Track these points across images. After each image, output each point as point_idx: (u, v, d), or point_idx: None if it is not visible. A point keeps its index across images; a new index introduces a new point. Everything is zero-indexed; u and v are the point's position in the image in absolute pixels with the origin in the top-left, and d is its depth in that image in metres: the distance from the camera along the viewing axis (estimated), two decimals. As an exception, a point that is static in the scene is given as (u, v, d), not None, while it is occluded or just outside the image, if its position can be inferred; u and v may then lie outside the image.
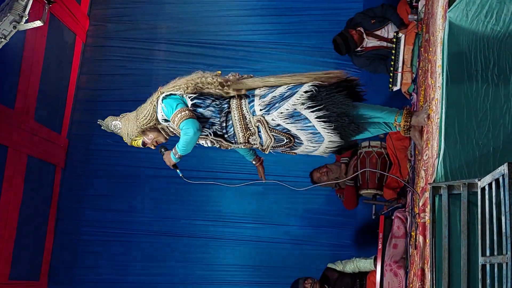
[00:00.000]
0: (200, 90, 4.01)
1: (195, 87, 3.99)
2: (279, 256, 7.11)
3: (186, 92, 3.99)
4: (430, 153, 3.61)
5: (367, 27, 6.16)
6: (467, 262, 2.89)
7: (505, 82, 3.11)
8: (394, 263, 4.86)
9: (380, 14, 6.15)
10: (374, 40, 6.14)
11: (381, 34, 6.11)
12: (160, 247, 7.26)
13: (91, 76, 7.76)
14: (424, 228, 3.50)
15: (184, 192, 7.14)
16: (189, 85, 3.99)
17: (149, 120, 4.15)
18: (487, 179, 2.71)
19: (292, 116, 3.91)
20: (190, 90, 3.99)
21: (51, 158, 7.20)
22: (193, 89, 3.99)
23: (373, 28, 6.14)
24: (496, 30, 3.17)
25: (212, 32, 7.63)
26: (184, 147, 3.98)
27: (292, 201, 7.19)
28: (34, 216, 6.92)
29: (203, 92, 4.01)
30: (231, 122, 4.00)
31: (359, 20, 6.22)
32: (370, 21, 6.14)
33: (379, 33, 6.13)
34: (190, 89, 3.99)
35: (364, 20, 6.18)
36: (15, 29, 4.82)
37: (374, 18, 6.15)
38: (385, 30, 6.10)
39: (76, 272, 7.28)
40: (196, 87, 4.00)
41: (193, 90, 3.99)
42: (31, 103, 6.73)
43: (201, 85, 4.00)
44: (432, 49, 3.99)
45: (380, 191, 5.77)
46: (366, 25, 6.16)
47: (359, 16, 6.25)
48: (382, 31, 6.11)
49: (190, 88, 3.99)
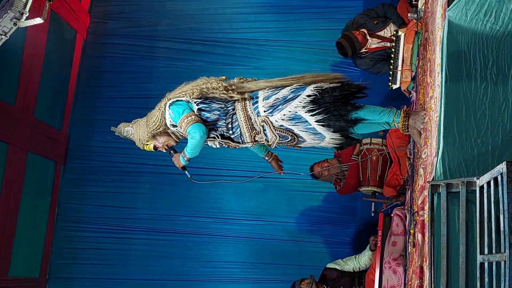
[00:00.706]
0: (206, 95, 4.13)
1: (200, 92, 4.12)
2: (279, 253, 7.12)
3: (192, 97, 4.11)
4: (429, 151, 3.62)
5: (370, 28, 6.07)
6: (466, 260, 2.89)
7: (504, 81, 3.11)
8: (393, 260, 4.88)
9: (382, 14, 6.09)
10: (377, 41, 6.08)
11: (383, 35, 6.05)
12: (160, 243, 7.27)
13: (92, 73, 7.76)
14: (423, 226, 3.50)
15: (184, 189, 7.15)
16: (195, 91, 4.12)
17: (159, 126, 4.28)
18: (485, 177, 2.72)
19: (293, 118, 3.99)
20: (196, 95, 4.11)
21: (51, 154, 7.21)
22: (199, 94, 4.12)
23: (376, 28, 6.08)
24: (495, 29, 3.18)
25: (213, 29, 7.64)
26: (192, 150, 4.13)
27: (291, 198, 7.20)
28: (34, 213, 6.93)
29: (208, 97, 4.13)
30: (237, 123, 4.11)
31: (362, 21, 6.10)
32: (372, 22, 6.06)
33: (382, 34, 6.06)
34: (196, 95, 4.11)
35: (367, 21, 6.08)
36: (15, 26, 4.81)
37: (376, 18, 6.07)
38: (388, 30, 6.05)
39: (76, 269, 7.29)
40: (201, 92, 4.12)
41: (199, 95, 4.12)
42: (31, 100, 6.74)
43: (206, 90, 4.11)
44: (431, 48, 3.99)
45: (381, 188, 5.77)
46: (370, 26, 6.07)
47: (362, 17, 6.14)
48: (385, 32, 6.06)
49: (195, 94, 4.11)
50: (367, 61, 6.13)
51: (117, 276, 7.24)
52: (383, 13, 6.10)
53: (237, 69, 7.41)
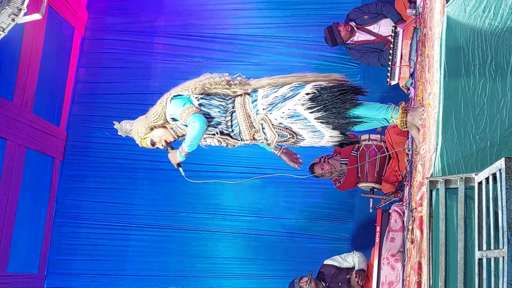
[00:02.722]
0: (208, 91, 4.14)
1: (203, 87, 4.13)
2: (277, 249, 7.13)
3: (194, 92, 4.10)
4: (427, 147, 3.62)
5: (359, 22, 6.46)
6: (464, 256, 2.89)
7: (503, 77, 3.11)
8: (391, 256, 4.88)
9: (374, 11, 6.41)
10: (364, 34, 6.43)
11: (372, 29, 6.41)
12: (158, 239, 7.28)
13: (90, 69, 7.76)
14: (421, 222, 3.51)
15: (183, 185, 7.14)
16: (197, 86, 4.13)
17: (158, 119, 4.27)
18: (484, 173, 2.72)
19: (292, 116, 3.99)
20: (198, 91, 4.12)
21: (50, 150, 7.21)
22: (201, 90, 4.13)
23: (365, 23, 6.44)
24: (493, 25, 3.17)
25: (211, 25, 7.63)
26: (191, 142, 4.08)
27: (290, 195, 7.21)
28: (32, 209, 6.93)
29: (210, 93, 4.13)
30: (236, 121, 4.11)
31: (353, 16, 6.53)
32: (363, 16, 6.44)
33: (371, 28, 6.42)
34: (198, 90, 4.12)
35: (357, 15, 6.48)
36: (13, 22, 4.81)
37: (367, 14, 6.43)
38: (377, 25, 6.39)
39: (74, 265, 7.30)
40: (204, 88, 4.13)
41: (201, 91, 4.13)
42: (29, 96, 6.73)
43: (209, 86, 4.13)
44: (430, 44, 3.99)
45: (379, 184, 5.78)
46: (359, 20, 6.47)
47: (354, 11, 6.55)
48: (374, 27, 6.41)
49: (198, 89, 4.12)
50: (354, 52, 6.56)
51: (116, 272, 7.25)
52: (375, 10, 6.41)
53: (236, 65, 7.42)
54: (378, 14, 6.39)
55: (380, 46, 6.33)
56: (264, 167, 7.15)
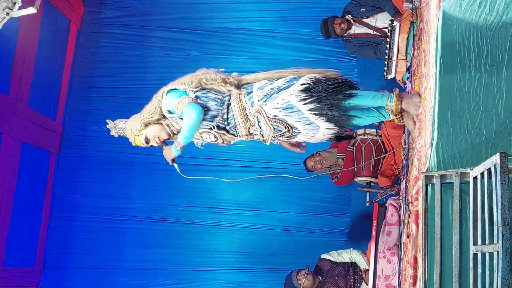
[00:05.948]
0: (204, 85, 4.12)
1: (199, 82, 4.11)
2: (274, 243, 7.15)
3: (190, 86, 4.09)
4: (423, 142, 3.62)
5: (356, 14, 6.47)
6: (459, 251, 2.91)
7: (498, 72, 3.11)
8: (388, 250, 4.89)
9: (371, 3, 6.40)
10: (361, 27, 6.44)
11: (369, 22, 6.42)
12: (155, 233, 7.28)
13: (86, 62, 7.73)
14: (417, 216, 3.52)
15: (179, 179, 7.04)
16: (194, 80, 4.11)
17: (153, 114, 4.22)
18: (479, 168, 2.73)
19: (287, 108, 3.98)
20: (194, 85, 4.10)
21: (46, 144, 7.19)
22: (197, 84, 4.11)
23: (361, 16, 6.44)
24: (489, 20, 3.17)
25: (207, 19, 7.61)
26: (187, 133, 4.03)
27: (287, 188, 7.22)
28: (28, 203, 6.93)
29: (206, 87, 4.12)
30: (232, 113, 4.08)
31: (350, 8, 6.53)
32: (359, 9, 6.45)
33: (367, 21, 6.43)
34: (194, 84, 4.10)
35: (354, 8, 6.49)
36: (8, 16, 4.79)
37: (364, 6, 6.43)
38: (374, 19, 6.40)
39: (70, 259, 7.30)
40: (200, 83, 4.11)
41: (197, 85, 4.11)
42: (25, 90, 6.71)
43: (205, 81, 4.11)
44: (426, 38, 3.99)
45: (375, 178, 5.79)
46: (355, 13, 6.47)
47: (350, 4, 6.55)
48: (371, 20, 6.41)
49: (194, 83, 4.10)
50: (351, 45, 6.55)
51: (112, 266, 7.25)
52: (372, 3, 6.40)
53: (232, 58, 7.41)
54: (375, 7, 6.39)
55: (377, 40, 6.33)
56: (261, 161, 7.17)
